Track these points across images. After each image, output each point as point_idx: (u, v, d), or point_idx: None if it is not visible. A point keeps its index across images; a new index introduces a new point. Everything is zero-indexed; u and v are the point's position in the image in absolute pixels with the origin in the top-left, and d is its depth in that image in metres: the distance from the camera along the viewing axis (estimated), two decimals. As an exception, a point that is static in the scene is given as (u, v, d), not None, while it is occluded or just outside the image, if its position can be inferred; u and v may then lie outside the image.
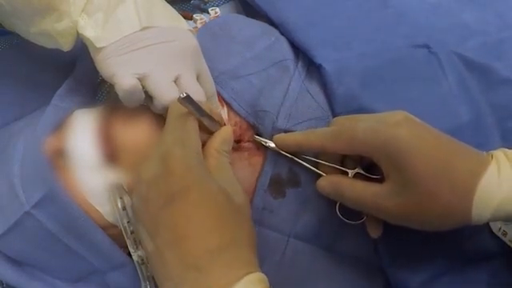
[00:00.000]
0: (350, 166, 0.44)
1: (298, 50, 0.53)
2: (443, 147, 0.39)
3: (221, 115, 0.46)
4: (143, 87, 0.42)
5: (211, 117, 0.41)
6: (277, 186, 0.47)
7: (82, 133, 0.44)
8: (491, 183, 0.37)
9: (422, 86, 0.49)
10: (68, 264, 0.46)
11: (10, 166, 0.44)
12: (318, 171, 0.45)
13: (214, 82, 0.47)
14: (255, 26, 0.55)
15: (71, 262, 0.46)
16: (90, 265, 0.46)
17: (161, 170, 0.37)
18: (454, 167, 0.38)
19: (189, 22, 0.61)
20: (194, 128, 0.39)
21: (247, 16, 0.60)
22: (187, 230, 0.35)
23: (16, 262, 0.46)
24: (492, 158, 0.39)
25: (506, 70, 0.50)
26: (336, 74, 0.49)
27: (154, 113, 0.44)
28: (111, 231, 0.45)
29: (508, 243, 0.45)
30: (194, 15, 0.62)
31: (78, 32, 0.43)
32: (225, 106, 0.49)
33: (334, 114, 0.48)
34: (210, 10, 0.63)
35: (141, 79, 0.41)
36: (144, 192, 0.37)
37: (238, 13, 0.64)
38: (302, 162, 0.46)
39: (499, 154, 0.39)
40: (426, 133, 0.40)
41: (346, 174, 0.44)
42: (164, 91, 0.42)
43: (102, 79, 0.56)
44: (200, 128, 0.40)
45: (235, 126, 0.48)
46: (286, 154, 0.46)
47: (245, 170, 0.47)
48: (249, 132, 0.49)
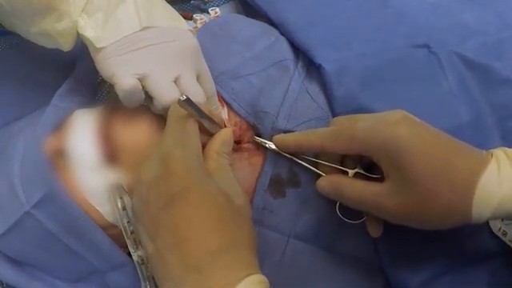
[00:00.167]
0: (350, 166, 0.44)
1: (298, 50, 0.52)
2: (442, 146, 0.39)
3: (221, 117, 0.46)
4: (143, 87, 0.42)
5: (211, 119, 0.41)
6: (277, 186, 0.47)
7: (82, 133, 0.44)
8: (491, 181, 0.37)
9: (422, 86, 0.49)
10: (68, 264, 0.46)
11: (10, 166, 0.44)
12: (318, 171, 0.45)
13: (214, 82, 0.47)
14: (255, 25, 0.55)
15: (71, 262, 0.46)
16: (90, 265, 0.46)
17: (161, 172, 0.37)
18: (453, 166, 0.38)
19: (189, 22, 0.61)
20: (194, 130, 0.39)
21: (247, 16, 0.59)
22: (187, 232, 0.35)
23: (16, 262, 0.46)
24: (492, 156, 0.39)
25: (506, 70, 0.50)
26: (336, 74, 0.49)
27: (154, 113, 0.44)
28: (111, 231, 0.45)
29: (508, 243, 0.45)
30: (194, 15, 0.62)
31: (78, 32, 0.43)
32: (225, 106, 0.49)
33: (334, 114, 0.48)
34: (210, 10, 0.63)
35: (141, 79, 0.41)
36: (144, 193, 0.37)
37: (238, 13, 0.64)
38: (302, 162, 0.46)
39: (499, 152, 0.39)
40: (426, 132, 0.40)
41: (345, 173, 0.44)
42: (164, 91, 0.42)
43: (102, 79, 0.56)
44: (200, 130, 0.40)
45: (235, 126, 0.48)
46: (285, 154, 0.46)
47: (245, 170, 0.47)
48: (249, 132, 0.49)
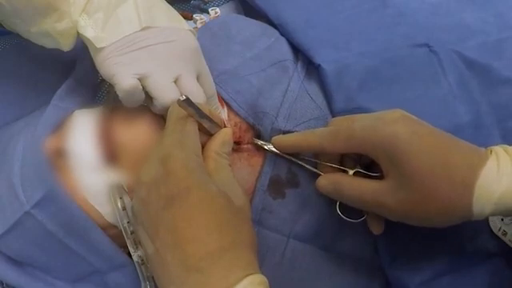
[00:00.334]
0: (350, 166, 0.44)
1: (298, 51, 0.53)
2: (441, 143, 0.39)
3: (221, 117, 0.46)
4: (143, 87, 0.42)
5: (211, 119, 0.41)
6: (276, 187, 0.47)
7: (82, 133, 0.44)
8: (491, 177, 0.37)
9: (422, 86, 0.49)
10: (68, 264, 0.46)
11: (10, 166, 0.44)
12: (318, 171, 0.45)
13: (214, 82, 0.47)
14: (255, 26, 0.55)
15: (71, 262, 0.46)
16: (90, 265, 0.46)
17: (161, 173, 0.37)
18: (452, 163, 0.38)
19: (189, 22, 0.61)
20: (193, 130, 0.39)
21: (247, 16, 0.60)
22: (187, 232, 0.35)
23: (16, 262, 0.46)
24: (491, 152, 0.39)
25: (506, 70, 0.50)
26: (335, 74, 0.49)
27: (154, 113, 0.44)
28: (111, 231, 0.45)
29: (508, 243, 0.45)
30: (194, 15, 0.62)
31: (78, 32, 0.43)
32: (225, 107, 0.49)
33: (333, 114, 0.48)
34: (210, 10, 0.63)
35: (141, 79, 0.41)
36: (144, 194, 0.37)
37: (238, 13, 0.64)
38: (301, 162, 0.46)
39: (498, 149, 0.39)
40: (424, 130, 0.40)
41: (345, 173, 0.44)
42: (164, 91, 0.42)
43: (102, 79, 0.56)
44: (200, 130, 0.40)
45: (235, 126, 0.48)
46: (285, 155, 0.46)
47: (244, 170, 0.47)
48: (248, 133, 0.49)
